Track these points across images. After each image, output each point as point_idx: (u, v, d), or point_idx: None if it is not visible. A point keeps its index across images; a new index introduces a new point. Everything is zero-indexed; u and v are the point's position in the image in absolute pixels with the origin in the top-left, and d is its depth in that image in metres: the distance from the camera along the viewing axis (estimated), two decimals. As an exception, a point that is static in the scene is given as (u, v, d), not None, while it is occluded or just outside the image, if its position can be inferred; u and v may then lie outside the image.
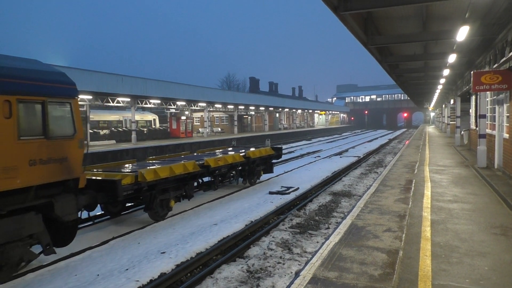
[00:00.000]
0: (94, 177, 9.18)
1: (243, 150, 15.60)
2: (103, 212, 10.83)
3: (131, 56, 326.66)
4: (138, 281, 6.48)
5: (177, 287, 6.48)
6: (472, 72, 13.42)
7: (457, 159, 17.55)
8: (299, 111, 73.36)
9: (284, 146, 39.13)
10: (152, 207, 10.01)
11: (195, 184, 12.70)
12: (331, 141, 47.37)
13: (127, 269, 7.07)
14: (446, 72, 18.85)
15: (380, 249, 5.79)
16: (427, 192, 10.09)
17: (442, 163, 16.10)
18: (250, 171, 15.16)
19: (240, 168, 14.67)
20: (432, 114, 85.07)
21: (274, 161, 17.44)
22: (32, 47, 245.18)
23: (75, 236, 7.85)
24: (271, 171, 16.76)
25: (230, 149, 17.59)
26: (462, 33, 10.38)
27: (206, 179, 13.41)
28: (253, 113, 57.27)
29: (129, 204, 11.65)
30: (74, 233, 7.81)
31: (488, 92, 14.53)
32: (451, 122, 36.54)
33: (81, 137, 7.66)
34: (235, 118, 48.22)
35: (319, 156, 27.72)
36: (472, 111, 21.48)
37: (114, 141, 32.44)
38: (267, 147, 16.86)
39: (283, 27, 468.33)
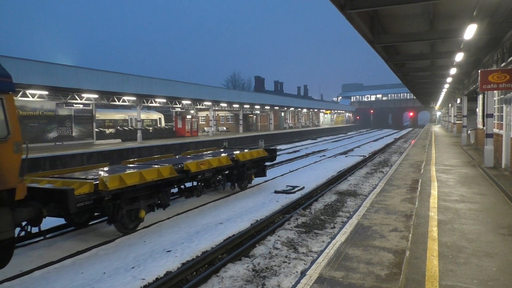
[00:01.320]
0: (42, 186, 7.91)
1: (233, 152, 14.37)
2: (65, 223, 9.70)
3: (137, 55, 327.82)
4: (144, 279, 6.50)
5: (182, 285, 6.48)
6: (479, 71, 13.32)
7: (463, 159, 17.43)
8: (305, 110, 73.25)
9: (289, 145, 39.16)
10: (116, 219, 8.88)
11: (177, 190, 11.97)
12: (336, 141, 47.25)
13: (133, 268, 7.09)
14: (453, 71, 18.71)
15: (387, 249, 5.76)
16: (434, 192, 10.02)
17: (448, 163, 16.00)
18: (239, 175, 13.93)
19: (227, 172, 13.52)
20: (438, 114, 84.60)
21: (269, 163, 16.30)
22: (39, 46, 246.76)
23: (11, 257, 6.60)
24: (263, 175, 15.55)
25: (221, 150, 16.43)
26: (470, 32, 10.29)
27: (190, 184, 12.42)
28: (258, 112, 57.23)
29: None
30: (10, 253, 6.52)
31: (495, 91, 14.41)
32: (457, 122, 36.30)
33: (17, 139, 6.37)
34: (240, 117, 48.20)
35: (325, 156, 27.65)
36: (479, 110, 21.33)
37: (119, 140, 32.57)
38: (260, 148, 15.65)
39: (289, 26, 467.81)
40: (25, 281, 6.71)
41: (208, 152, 15.58)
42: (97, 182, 8.25)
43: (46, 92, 24.14)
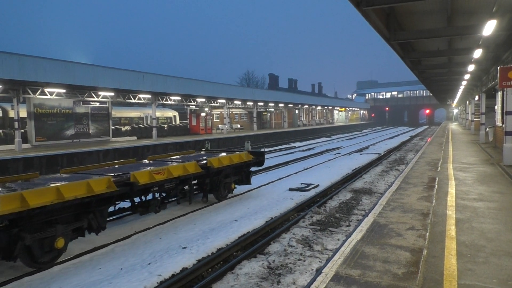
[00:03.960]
0: None
1: (211, 156, 12.23)
2: None
3: (151, 53, 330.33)
4: (160, 275, 6.57)
5: (198, 282, 6.53)
6: (498, 68, 13.07)
7: (482, 157, 17.13)
8: (319, 107, 72.86)
9: (303, 143, 39.06)
10: (14, 254, 6.57)
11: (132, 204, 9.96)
12: (351, 138, 46.93)
13: (149, 264, 7.18)
14: (470, 67, 18.41)
15: (404, 248, 5.70)
16: (451, 190, 9.88)
17: (466, 161, 15.74)
18: (213, 185, 11.83)
19: (196, 181, 11.54)
20: (455, 111, 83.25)
21: (255, 168, 14.53)
22: (56, 45, 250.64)
23: None
24: (247, 182, 13.34)
25: (193, 154, 13.96)
26: (489, 28, 10.11)
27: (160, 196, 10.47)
28: (272, 109, 57.16)
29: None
30: None
31: (515, 88, 14.09)
32: (475, 119, 35.68)
33: None
34: (254, 114, 48.22)
35: (339, 153, 27.50)
36: (497, 107, 20.92)
37: (135, 138, 32.90)
38: (247, 150, 13.67)
39: (303, 24, 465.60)
40: (45, 276, 6.85)
41: (185, 156, 13.43)
42: None
43: (64, 90, 24.50)
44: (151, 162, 11.91)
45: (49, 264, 7.17)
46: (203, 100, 37.68)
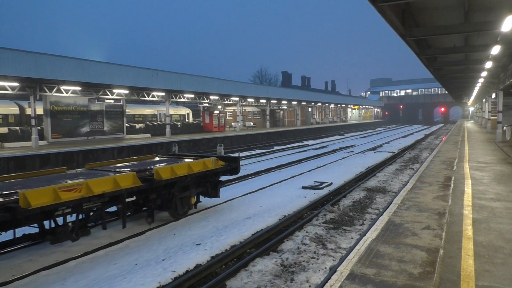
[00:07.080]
0: None
1: (174, 162, 10.20)
2: None
3: (165, 51, 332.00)
4: (174, 271, 6.61)
5: (212, 278, 6.56)
6: (517, 65, 12.80)
7: (498, 156, 16.82)
8: (332, 105, 72.39)
9: (316, 141, 38.92)
10: None
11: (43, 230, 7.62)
12: (364, 136, 46.58)
13: (163, 260, 7.23)
14: (488, 64, 18.04)
15: (419, 247, 5.64)
16: (468, 190, 9.72)
17: (482, 160, 15.48)
18: (164, 200, 9.63)
19: (135, 198, 8.72)
20: (471, 109, 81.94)
21: (227, 177, 12.94)
22: (71, 43, 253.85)
23: None
24: (215, 195, 11.04)
25: (149, 161, 11.52)
26: (508, 23, 9.89)
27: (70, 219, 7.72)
28: (285, 107, 57.02)
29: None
30: None
31: (534, 86, 13.82)
32: (492, 117, 35.06)
33: None
34: (267, 112, 48.16)
35: (353, 151, 27.31)
36: (515, 105, 20.53)
37: (149, 135, 33.17)
38: (218, 155, 11.51)
39: (317, 20, 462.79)
40: (61, 270, 6.96)
41: (125, 163, 10.95)
42: None
43: (79, 88, 24.80)
44: (74, 172, 9.62)
45: None
46: (216, 97, 37.78)
